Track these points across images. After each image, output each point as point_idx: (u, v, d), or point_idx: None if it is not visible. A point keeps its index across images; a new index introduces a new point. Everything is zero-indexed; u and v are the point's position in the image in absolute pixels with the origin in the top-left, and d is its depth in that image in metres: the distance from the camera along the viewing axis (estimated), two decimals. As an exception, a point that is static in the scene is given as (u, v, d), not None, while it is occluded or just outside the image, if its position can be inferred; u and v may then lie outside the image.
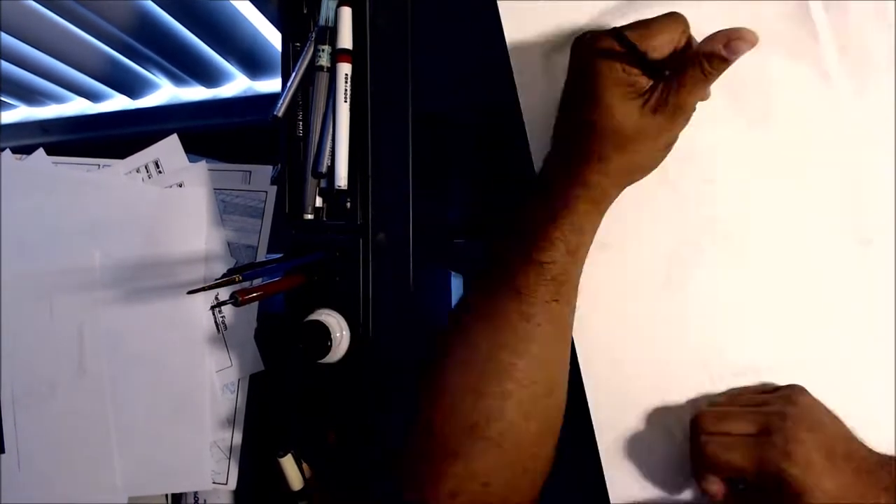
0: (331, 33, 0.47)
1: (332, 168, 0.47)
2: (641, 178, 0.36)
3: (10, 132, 0.85)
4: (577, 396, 0.42)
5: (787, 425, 0.32)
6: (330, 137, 0.47)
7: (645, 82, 0.33)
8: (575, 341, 0.42)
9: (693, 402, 0.40)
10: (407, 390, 0.48)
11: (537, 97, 0.43)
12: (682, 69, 0.32)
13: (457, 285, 0.69)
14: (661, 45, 0.32)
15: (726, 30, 0.31)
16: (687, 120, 0.34)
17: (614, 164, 0.34)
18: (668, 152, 0.35)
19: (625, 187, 0.36)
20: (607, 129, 0.33)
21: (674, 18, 0.33)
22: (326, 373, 0.48)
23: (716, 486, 0.35)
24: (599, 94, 0.33)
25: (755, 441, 0.33)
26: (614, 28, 0.31)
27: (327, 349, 0.46)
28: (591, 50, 0.33)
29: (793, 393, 0.35)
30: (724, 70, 0.32)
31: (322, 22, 0.47)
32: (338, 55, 0.46)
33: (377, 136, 0.48)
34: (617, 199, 0.37)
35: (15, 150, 0.65)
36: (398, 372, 0.48)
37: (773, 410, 0.34)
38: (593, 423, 0.41)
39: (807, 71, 0.38)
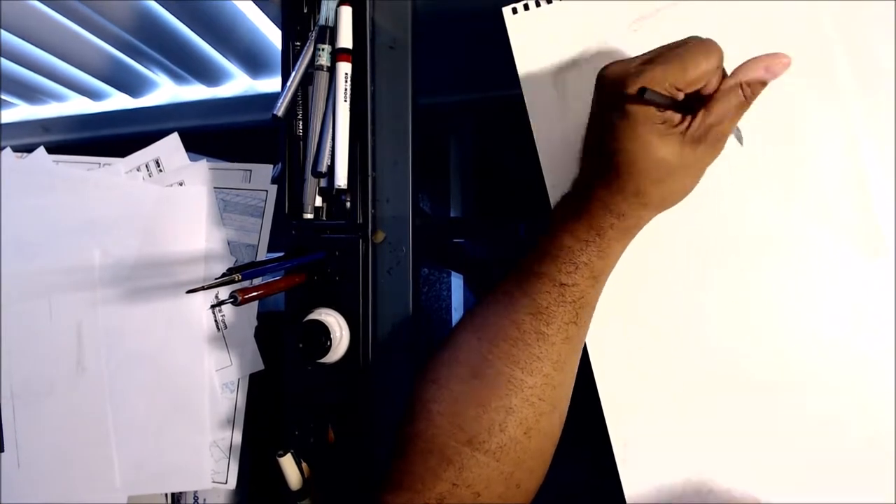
0: (331, 33, 0.47)
1: (332, 168, 0.47)
2: (673, 205, 0.36)
3: (11, 131, 0.85)
4: (592, 395, 0.42)
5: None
6: (330, 137, 0.47)
7: (677, 116, 0.32)
8: (587, 343, 0.41)
9: (706, 406, 0.40)
10: (405, 389, 0.48)
11: (549, 119, 0.43)
12: (722, 99, 0.32)
13: (457, 285, 0.69)
14: (695, 81, 0.31)
15: (762, 56, 0.31)
16: (723, 147, 0.34)
17: (651, 196, 0.34)
18: (699, 180, 0.35)
19: (656, 215, 0.36)
20: (647, 165, 0.32)
21: (709, 50, 0.31)
22: (326, 373, 0.48)
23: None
24: (636, 132, 0.32)
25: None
26: (642, 87, 0.30)
27: (327, 349, 0.46)
28: (617, 90, 0.32)
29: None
30: (760, 93, 0.32)
31: (322, 21, 0.47)
32: (338, 55, 0.46)
33: (377, 136, 0.48)
34: None
35: (15, 149, 0.65)
36: (398, 372, 0.48)
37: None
38: (607, 423, 0.41)
39: (816, 81, 0.38)
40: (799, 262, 0.39)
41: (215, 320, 0.59)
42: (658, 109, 0.32)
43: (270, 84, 0.75)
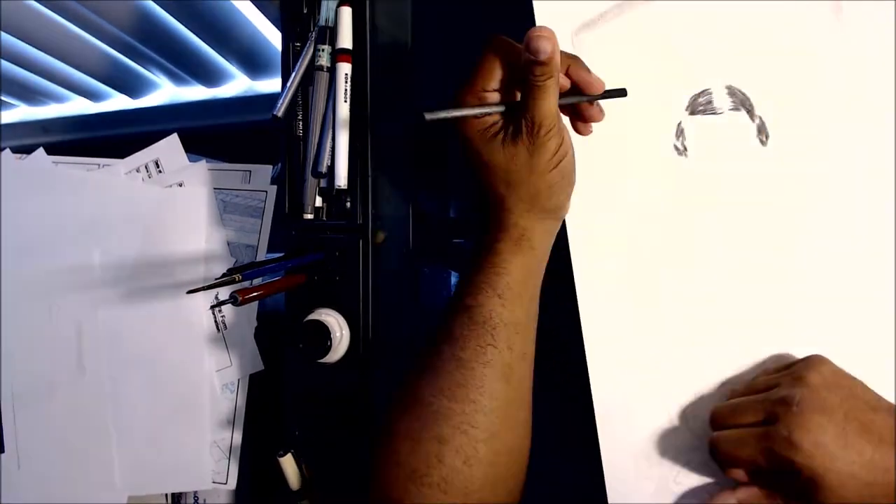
0: (331, 33, 0.47)
1: (332, 168, 0.47)
2: (558, 209, 0.37)
3: (11, 132, 0.85)
4: (584, 396, 0.42)
5: (792, 411, 0.32)
6: (330, 137, 0.47)
7: (496, 118, 0.35)
8: (585, 341, 0.42)
9: (700, 403, 0.40)
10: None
11: None
12: (521, 89, 0.34)
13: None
14: (489, 83, 0.34)
15: (526, 35, 0.32)
16: (558, 134, 0.34)
17: (512, 201, 0.35)
18: (562, 177, 0.36)
19: (548, 223, 0.37)
20: (487, 170, 0.35)
21: (490, 56, 0.34)
22: (326, 373, 0.48)
23: (738, 474, 0.35)
24: (467, 147, 0.35)
25: (763, 433, 0.33)
26: (422, 114, 0.33)
27: (327, 349, 0.46)
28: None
29: (805, 369, 0.35)
30: (550, 71, 0.32)
31: (322, 22, 0.47)
32: (338, 55, 0.46)
33: (377, 136, 0.48)
34: (629, 207, 0.37)
35: (15, 150, 0.65)
36: (398, 372, 0.48)
37: (779, 396, 0.34)
38: (597, 425, 0.41)
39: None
40: (795, 259, 0.39)
41: (215, 321, 0.59)
42: (477, 119, 0.34)
43: (270, 85, 0.75)
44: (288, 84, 0.47)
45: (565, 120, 0.38)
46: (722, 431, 0.35)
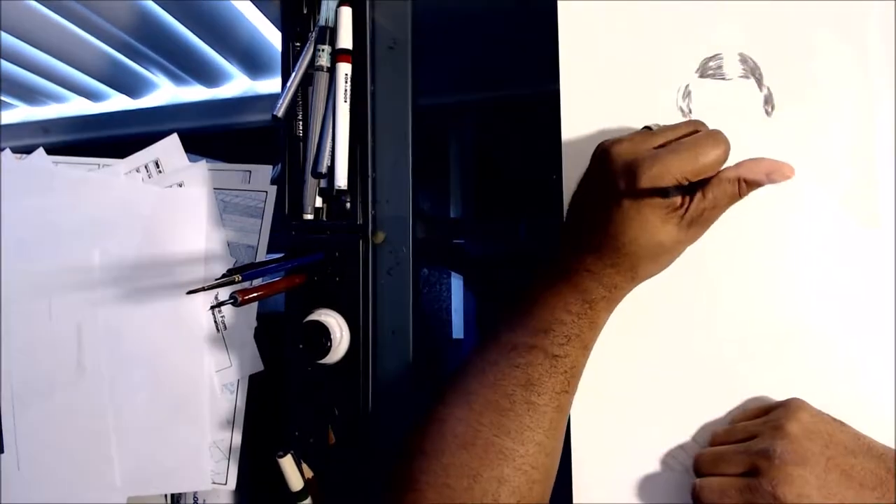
0: (331, 33, 0.47)
1: (332, 168, 0.47)
2: (656, 275, 0.37)
3: (11, 132, 0.85)
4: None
5: (775, 465, 0.32)
6: (330, 137, 0.47)
7: (678, 199, 0.33)
8: None
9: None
10: (405, 390, 0.48)
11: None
12: (718, 188, 0.33)
13: (457, 285, 0.69)
14: (703, 171, 0.32)
15: (768, 160, 0.32)
16: (707, 229, 0.35)
17: (642, 271, 0.35)
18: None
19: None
20: (647, 245, 0.34)
21: (717, 141, 0.32)
22: (326, 373, 0.48)
23: None
24: (642, 215, 0.33)
25: (746, 485, 0.33)
26: (660, 188, 0.32)
27: (327, 349, 0.46)
28: (628, 172, 0.33)
29: (784, 417, 0.35)
30: (752, 191, 0.33)
31: (322, 22, 0.47)
32: (338, 55, 0.46)
33: (377, 136, 0.48)
34: None
35: (15, 150, 0.65)
36: (398, 373, 0.48)
37: (760, 448, 0.34)
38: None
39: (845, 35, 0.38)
40: (793, 232, 0.38)
41: (215, 321, 0.59)
42: (662, 196, 0.33)
43: (270, 85, 0.75)
44: (288, 84, 0.47)
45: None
46: (705, 479, 0.36)
